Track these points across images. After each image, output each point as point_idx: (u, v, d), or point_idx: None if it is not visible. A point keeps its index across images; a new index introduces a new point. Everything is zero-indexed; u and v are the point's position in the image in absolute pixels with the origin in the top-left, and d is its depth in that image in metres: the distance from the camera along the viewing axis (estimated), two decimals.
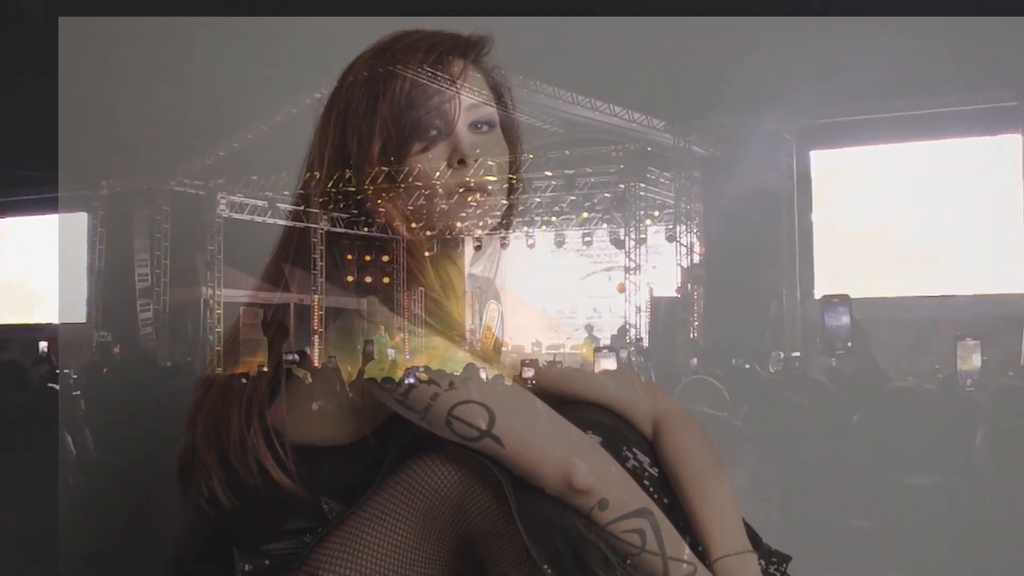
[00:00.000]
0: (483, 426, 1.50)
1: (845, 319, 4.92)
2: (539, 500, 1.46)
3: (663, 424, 1.75)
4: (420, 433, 1.55)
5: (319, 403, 1.59)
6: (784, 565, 1.65)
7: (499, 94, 1.73)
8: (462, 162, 1.63)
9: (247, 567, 1.53)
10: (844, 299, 5.05)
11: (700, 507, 1.61)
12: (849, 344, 4.99)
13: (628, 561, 1.45)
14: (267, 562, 1.54)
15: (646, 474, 1.66)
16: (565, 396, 1.76)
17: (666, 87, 8.04)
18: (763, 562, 1.63)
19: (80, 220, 9.28)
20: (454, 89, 1.64)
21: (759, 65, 7.53)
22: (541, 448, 1.50)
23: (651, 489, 1.63)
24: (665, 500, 1.63)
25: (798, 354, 6.83)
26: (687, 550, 1.51)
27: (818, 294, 8.47)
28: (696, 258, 9.03)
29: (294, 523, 1.57)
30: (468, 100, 1.64)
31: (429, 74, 1.63)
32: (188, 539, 1.63)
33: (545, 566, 1.40)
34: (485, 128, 1.68)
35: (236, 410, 1.62)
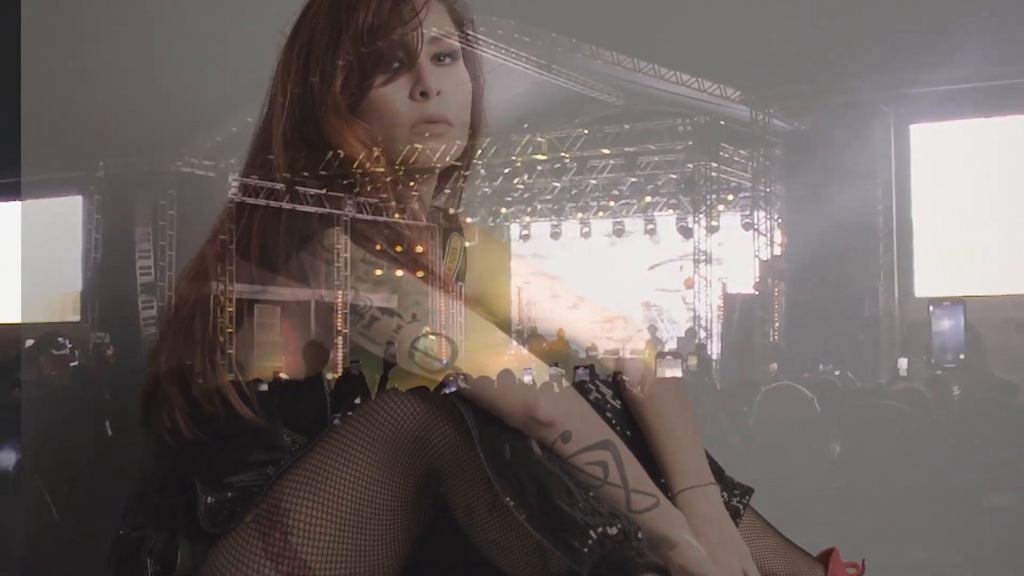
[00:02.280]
0: (446, 358, 1.64)
1: (957, 326, 4.85)
2: (501, 432, 1.60)
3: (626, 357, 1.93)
4: None
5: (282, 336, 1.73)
6: (747, 497, 1.83)
7: (461, 26, 1.87)
8: (424, 94, 1.76)
9: (209, 499, 1.66)
10: (957, 302, 4.97)
11: (663, 439, 1.79)
12: (962, 356, 4.91)
13: (591, 493, 1.58)
14: (229, 494, 1.66)
15: (608, 406, 1.82)
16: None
17: (742, 51, 7.96)
18: (726, 494, 1.80)
19: (75, 204, 9.38)
20: (416, 21, 1.77)
21: (851, 26, 7.44)
22: (504, 380, 1.63)
23: (614, 422, 1.79)
24: (628, 433, 1.79)
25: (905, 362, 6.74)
26: (650, 482, 1.67)
27: (919, 291, 8.36)
28: (777, 249, 8.94)
29: (256, 455, 1.70)
30: (431, 32, 1.76)
31: (391, 6, 1.77)
32: (150, 471, 1.76)
33: (508, 498, 1.53)
34: (448, 61, 1.83)
35: (199, 342, 1.74)
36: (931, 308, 5.17)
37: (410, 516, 1.64)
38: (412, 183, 1.81)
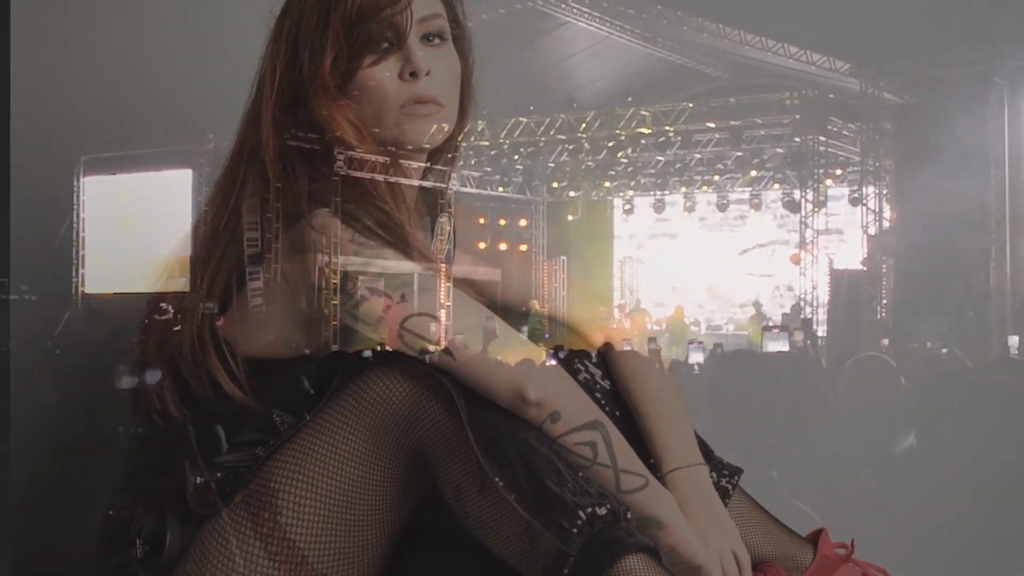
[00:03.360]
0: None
1: None
2: (491, 413, 1.61)
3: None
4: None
5: (270, 314, 1.73)
6: (736, 478, 1.86)
7: (451, 6, 1.85)
8: (413, 75, 1.76)
9: (198, 479, 1.67)
10: None
11: (652, 420, 1.82)
12: None
13: (580, 474, 1.59)
14: (219, 475, 1.68)
15: (597, 387, 1.86)
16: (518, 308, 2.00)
17: (852, 23, 7.84)
18: (715, 475, 1.83)
19: (184, 177, 9.54)
20: (405, 1, 1.76)
21: None
22: (493, 360, 1.65)
23: (603, 402, 1.82)
24: (617, 413, 1.83)
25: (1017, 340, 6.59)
26: (639, 462, 1.68)
27: None
28: (885, 224, 8.81)
29: (246, 436, 1.71)
30: (420, 12, 1.76)
31: None
32: (139, 452, 1.80)
33: (496, 479, 1.54)
34: (437, 41, 1.83)
35: (188, 322, 1.76)
36: None
37: (399, 496, 1.66)
38: (401, 163, 1.81)
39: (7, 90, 2.23)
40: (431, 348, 1.59)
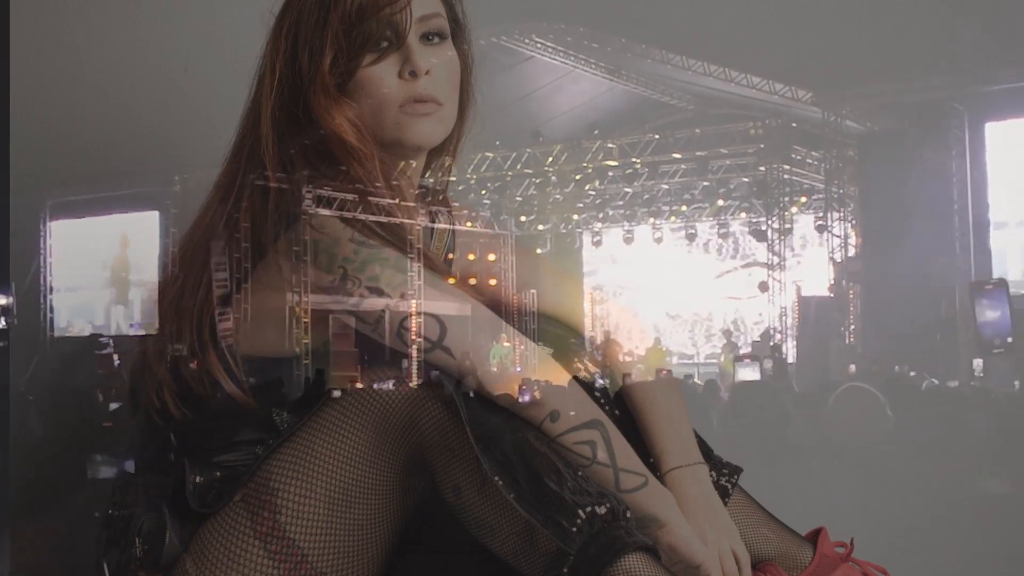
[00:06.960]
0: (434, 338, 1.66)
1: (1002, 310, 4.72)
2: (490, 412, 1.62)
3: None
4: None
5: (269, 314, 1.75)
6: (735, 477, 1.86)
7: (450, 5, 1.87)
8: (413, 74, 1.79)
9: (198, 479, 1.68)
10: (1000, 284, 4.88)
11: (651, 419, 1.82)
12: (1010, 340, 4.79)
13: (579, 473, 1.60)
14: (218, 473, 1.69)
15: (597, 385, 1.85)
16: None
17: (813, 52, 7.90)
18: (714, 474, 1.83)
19: (151, 220, 9.50)
20: (404, 0, 1.80)
21: (922, 24, 7.36)
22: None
23: (602, 401, 1.81)
24: (616, 412, 1.82)
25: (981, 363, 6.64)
26: (638, 462, 1.68)
27: None
28: (851, 251, 8.86)
29: (245, 434, 1.73)
30: (419, 11, 1.77)
31: None
32: (139, 451, 1.81)
33: (496, 478, 1.54)
34: (436, 40, 1.85)
35: (188, 321, 1.76)
36: (972, 291, 5.05)
37: (399, 495, 1.66)
38: (400, 162, 1.81)
39: (6, 94, 2.22)
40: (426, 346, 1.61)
